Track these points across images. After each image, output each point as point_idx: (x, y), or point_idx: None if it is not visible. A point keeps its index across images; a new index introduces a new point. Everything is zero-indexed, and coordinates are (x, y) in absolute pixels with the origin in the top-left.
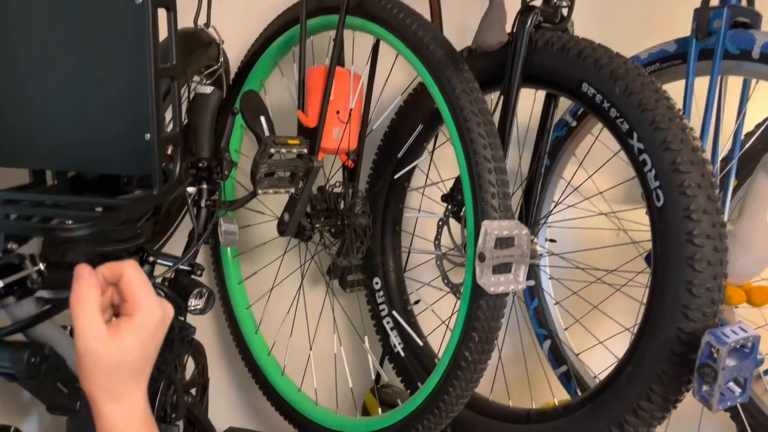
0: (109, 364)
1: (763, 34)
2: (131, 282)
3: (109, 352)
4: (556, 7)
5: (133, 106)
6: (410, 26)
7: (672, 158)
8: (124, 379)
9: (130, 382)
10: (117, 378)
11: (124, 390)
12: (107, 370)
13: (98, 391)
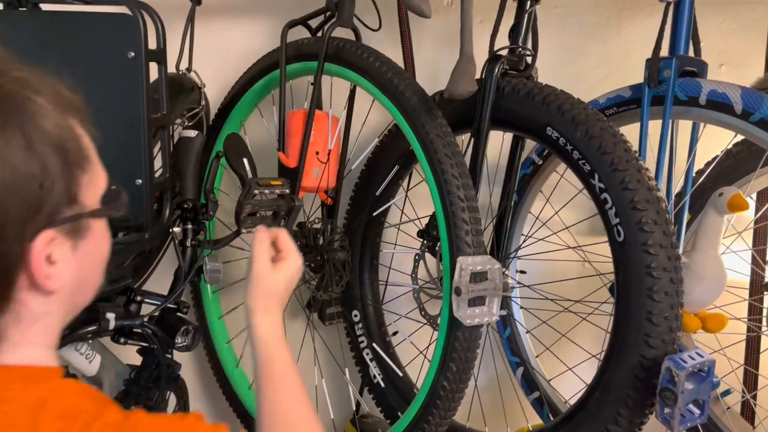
0: (268, 287)
1: (708, 82)
2: (284, 240)
3: (269, 280)
4: (520, 56)
5: (125, 153)
6: (386, 74)
7: (630, 197)
8: (274, 302)
9: (277, 304)
10: (270, 299)
11: (272, 308)
12: (266, 291)
13: (258, 305)
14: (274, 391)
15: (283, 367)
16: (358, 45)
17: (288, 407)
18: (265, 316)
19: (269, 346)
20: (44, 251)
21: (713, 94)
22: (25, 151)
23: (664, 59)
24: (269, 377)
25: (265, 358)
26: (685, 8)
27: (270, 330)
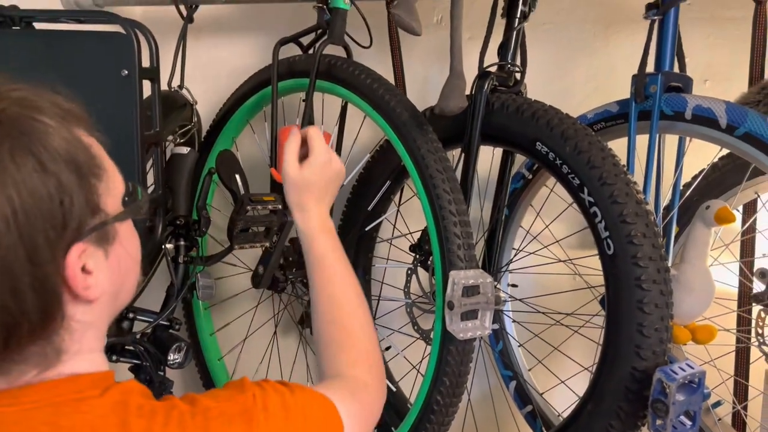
0: (297, 184)
1: (693, 97)
2: (312, 137)
3: (298, 178)
4: (509, 72)
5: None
6: (377, 91)
7: (619, 210)
8: (307, 197)
9: (312, 200)
10: (302, 195)
11: (307, 204)
12: (296, 188)
13: (293, 204)
14: (319, 280)
15: (322, 256)
16: (349, 62)
17: (335, 291)
18: (300, 213)
19: (308, 239)
20: (78, 264)
21: (698, 109)
22: (39, 174)
23: (650, 75)
24: (313, 268)
25: (306, 251)
26: (669, 25)
27: (307, 224)
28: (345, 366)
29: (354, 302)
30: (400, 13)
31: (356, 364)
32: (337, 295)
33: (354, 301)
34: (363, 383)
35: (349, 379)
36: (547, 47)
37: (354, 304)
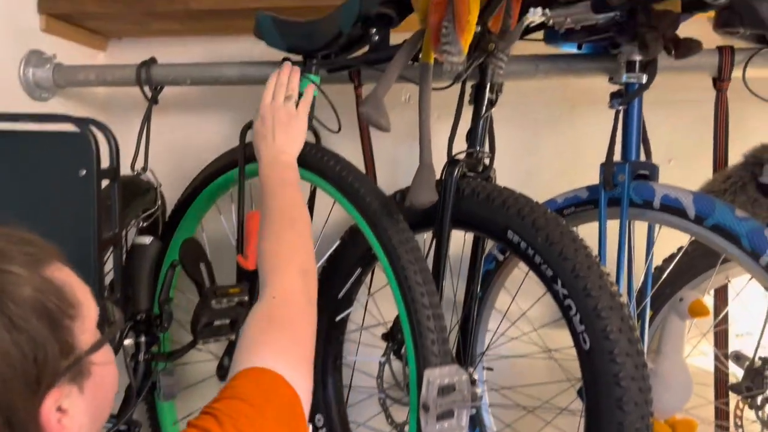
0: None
1: (660, 187)
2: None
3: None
4: (478, 159)
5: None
6: (346, 178)
7: (594, 304)
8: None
9: (264, 145)
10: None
11: (260, 150)
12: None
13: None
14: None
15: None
16: (318, 148)
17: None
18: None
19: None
20: (53, 407)
21: (666, 199)
22: (10, 332)
23: (617, 164)
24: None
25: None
26: (634, 114)
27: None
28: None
29: (288, 222)
30: (368, 110)
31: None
32: (270, 210)
33: (289, 222)
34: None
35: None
36: (514, 127)
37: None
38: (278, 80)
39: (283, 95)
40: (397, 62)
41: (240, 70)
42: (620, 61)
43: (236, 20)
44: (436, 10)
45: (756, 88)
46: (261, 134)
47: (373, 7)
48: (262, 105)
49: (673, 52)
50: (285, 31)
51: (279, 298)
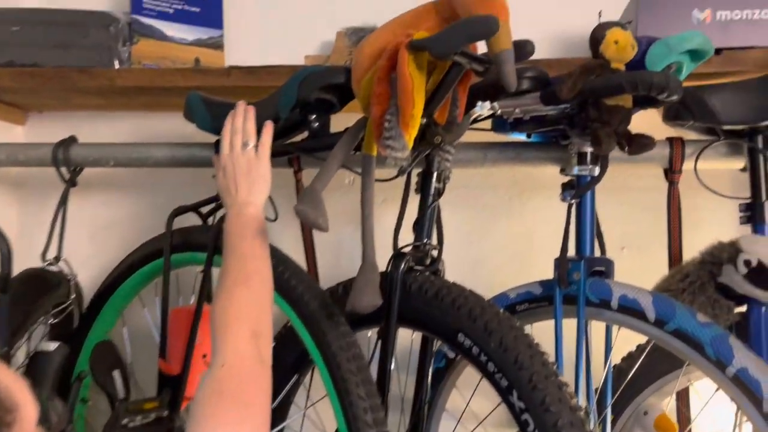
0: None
1: (618, 286)
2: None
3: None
4: (426, 251)
5: None
6: (282, 273)
7: (553, 420)
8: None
9: (231, 193)
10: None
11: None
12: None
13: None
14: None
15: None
16: None
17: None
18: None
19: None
20: None
21: (624, 300)
22: None
23: (572, 261)
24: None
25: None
26: (587, 207)
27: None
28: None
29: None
30: (305, 208)
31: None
32: (227, 266)
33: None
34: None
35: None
36: (461, 212)
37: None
38: (232, 126)
39: (240, 141)
40: (337, 154)
41: (169, 151)
42: (571, 152)
43: (167, 97)
44: (378, 101)
45: (706, 179)
46: (223, 187)
47: (312, 93)
48: (221, 156)
49: (626, 148)
50: (218, 113)
51: (228, 365)
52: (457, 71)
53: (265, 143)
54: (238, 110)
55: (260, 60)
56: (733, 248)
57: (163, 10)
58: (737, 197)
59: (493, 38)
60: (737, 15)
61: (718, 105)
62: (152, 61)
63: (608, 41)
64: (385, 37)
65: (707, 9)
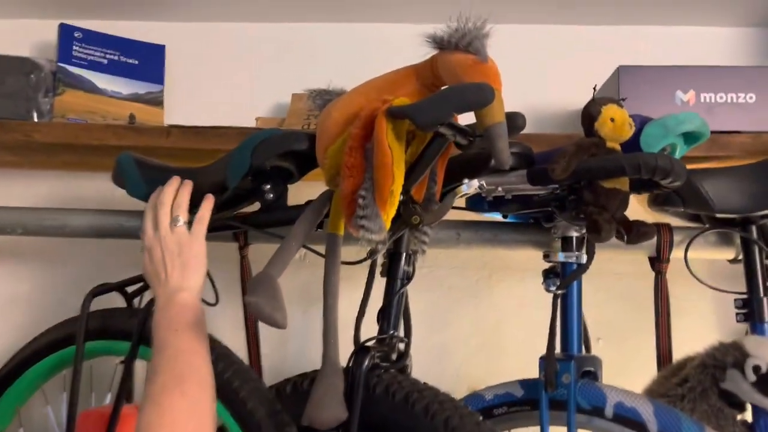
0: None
1: (613, 391)
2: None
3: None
4: (392, 345)
5: None
6: (222, 373)
7: None
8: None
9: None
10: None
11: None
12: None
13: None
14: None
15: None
16: None
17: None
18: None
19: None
20: None
21: (621, 408)
22: None
23: (561, 361)
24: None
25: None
26: (573, 298)
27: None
28: None
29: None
30: (259, 301)
31: None
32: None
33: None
34: None
35: None
36: (427, 295)
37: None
38: (159, 199)
39: (167, 217)
40: (297, 233)
41: (92, 219)
42: (554, 236)
43: (93, 157)
44: (350, 174)
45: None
46: (150, 272)
47: (268, 160)
48: (146, 236)
49: (625, 237)
50: (153, 177)
51: None
52: (440, 144)
53: (202, 219)
54: (170, 182)
55: (204, 121)
56: (738, 351)
57: (96, 59)
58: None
59: (485, 109)
60: (721, 98)
61: (711, 191)
62: (79, 116)
63: (604, 118)
64: (357, 102)
65: (691, 90)
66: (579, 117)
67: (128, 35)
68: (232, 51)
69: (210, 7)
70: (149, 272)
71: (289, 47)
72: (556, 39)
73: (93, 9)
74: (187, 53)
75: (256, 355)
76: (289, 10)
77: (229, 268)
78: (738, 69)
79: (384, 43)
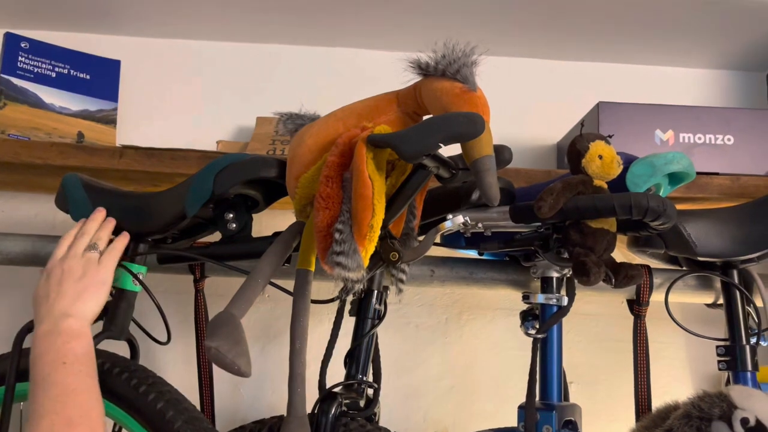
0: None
1: None
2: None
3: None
4: (360, 392)
5: None
6: (172, 421)
7: None
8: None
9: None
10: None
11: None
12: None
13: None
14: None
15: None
16: (131, 368)
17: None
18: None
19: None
20: None
21: None
22: None
23: (541, 411)
24: None
25: None
26: (554, 343)
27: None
28: None
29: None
30: (219, 346)
31: None
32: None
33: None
34: None
35: None
36: (392, 334)
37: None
38: (82, 229)
39: (83, 245)
40: (263, 269)
41: (31, 245)
42: (533, 275)
43: (36, 176)
44: (325, 205)
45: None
46: (39, 295)
47: (232, 187)
48: (51, 260)
49: (613, 280)
50: (101, 202)
51: None
52: (422, 176)
53: (114, 250)
54: (94, 215)
55: (161, 143)
56: (725, 403)
57: (44, 72)
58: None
59: (474, 141)
60: (700, 138)
61: (693, 234)
62: (21, 132)
63: (592, 155)
64: (335, 128)
65: (669, 130)
66: (557, 152)
67: (81, 48)
68: (192, 70)
69: (170, 23)
70: (38, 294)
71: (254, 68)
72: (534, 73)
73: (43, 19)
74: (144, 70)
75: (209, 398)
76: (255, 30)
77: (183, 300)
78: (716, 110)
79: (354, 68)
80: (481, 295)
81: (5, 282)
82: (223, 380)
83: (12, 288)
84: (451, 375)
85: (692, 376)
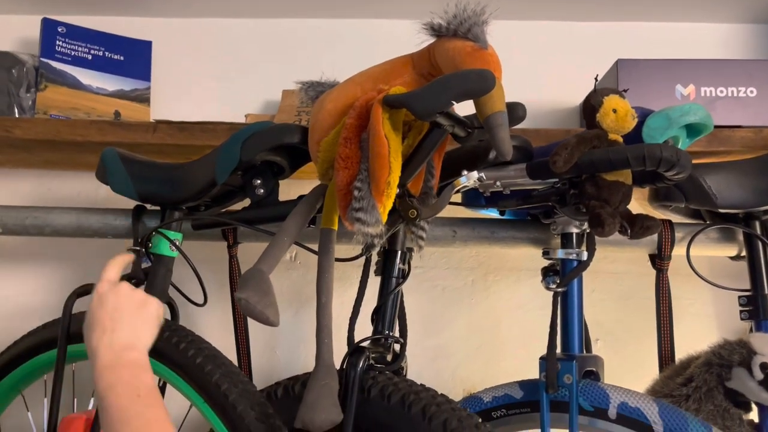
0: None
1: (616, 391)
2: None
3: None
4: (387, 346)
5: None
6: (210, 374)
7: None
8: (89, 335)
9: (92, 336)
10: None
11: (89, 342)
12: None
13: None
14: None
15: (101, 397)
16: (172, 329)
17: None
18: (89, 358)
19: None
20: None
21: (625, 408)
22: None
23: (562, 361)
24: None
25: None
26: (574, 296)
27: (93, 365)
28: None
29: None
30: (249, 297)
31: None
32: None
33: None
34: None
35: None
36: (419, 295)
37: None
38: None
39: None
40: (289, 229)
41: (75, 218)
42: (553, 232)
43: (77, 154)
44: (345, 165)
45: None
46: (95, 319)
47: (258, 154)
48: (101, 282)
49: (628, 231)
50: (138, 173)
51: None
52: (438, 135)
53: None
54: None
55: (191, 118)
56: (745, 349)
57: (80, 55)
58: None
59: (485, 97)
60: (722, 92)
61: (714, 186)
62: (62, 112)
63: (606, 109)
64: (352, 92)
65: (691, 84)
66: (577, 113)
67: (113, 31)
68: (220, 47)
69: (198, 3)
70: (94, 319)
71: (279, 43)
72: (552, 35)
73: (77, 4)
74: (174, 50)
75: (246, 357)
76: (280, 6)
77: (218, 268)
78: (738, 62)
79: (376, 39)
80: (505, 256)
81: (53, 254)
82: (259, 343)
83: (59, 260)
84: (477, 335)
85: (720, 331)
